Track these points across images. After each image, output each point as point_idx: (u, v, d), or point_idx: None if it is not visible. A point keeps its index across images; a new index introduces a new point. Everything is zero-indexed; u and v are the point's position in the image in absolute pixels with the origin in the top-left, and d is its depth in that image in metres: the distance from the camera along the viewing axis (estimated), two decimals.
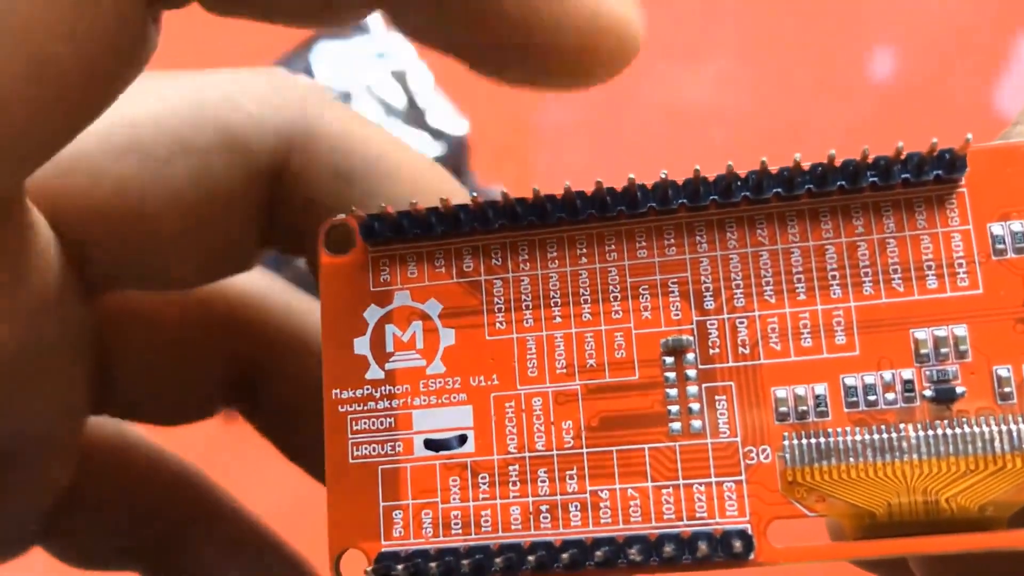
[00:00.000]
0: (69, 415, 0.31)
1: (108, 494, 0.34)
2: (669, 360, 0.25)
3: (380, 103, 0.73)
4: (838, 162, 0.25)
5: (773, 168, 0.25)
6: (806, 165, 0.25)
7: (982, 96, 0.68)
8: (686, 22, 0.72)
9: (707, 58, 0.72)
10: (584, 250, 0.26)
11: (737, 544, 0.24)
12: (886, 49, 0.71)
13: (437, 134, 0.72)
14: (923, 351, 0.24)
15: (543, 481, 0.25)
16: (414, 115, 0.72)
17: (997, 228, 0.25)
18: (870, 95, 0.70)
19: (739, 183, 0.25)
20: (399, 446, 0.26)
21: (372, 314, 0.26)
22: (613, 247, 0.26)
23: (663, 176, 0.25)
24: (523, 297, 0.26)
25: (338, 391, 0.26)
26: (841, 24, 0.71)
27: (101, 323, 0.31)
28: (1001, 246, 0.25)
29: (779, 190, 0.25)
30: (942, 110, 0.67)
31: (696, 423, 0.25)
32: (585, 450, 0.25)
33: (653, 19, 0.73)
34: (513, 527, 0.25)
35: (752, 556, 0.24)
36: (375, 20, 0.74)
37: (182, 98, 0.28)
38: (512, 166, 0.71)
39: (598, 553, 0.24)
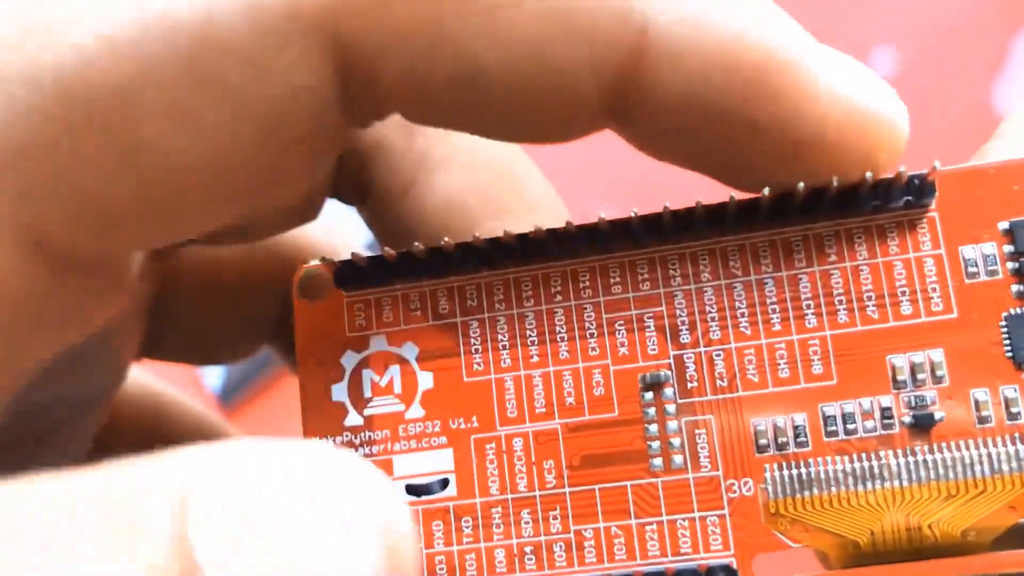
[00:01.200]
0: (120, 370, 0.31)
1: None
2: (648, 395, 0.25)
3: None
4: (804, 192, 0.25)
5: (740, 199, 0.25)
6: (768, 195, 0.25)
7: (982, 96, 0.68)
8: None
9: None
10: (558, 287, 0.26)
11: None
12: (886, 49, 0.71)
13: None
14: (900, 377, 0.24)
15: (527, 522, 0.25)
16: None
17: (969, 251, 0.25)
18: None
19: (708, 215, 0.25)
20: None
21: (349, 360, 0.26)
22: (587, 283, 0.26)
23: (635, 213, 0.25)
24: (499, 337, 0.26)
25: (317, 439, 0.26)
26: (841, 24, 0.71)
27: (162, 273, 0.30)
28: (973, 269, 0.25)
29: (749, 221, 0.25)
30: (942, 110, 0.67)
31: (677, 458, 0.25)
32: (568, 489, 0.25)
33: None
34: (498, 570, 0.25)
35: None
36: None
37: None
38: None
39: None
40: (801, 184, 0.24)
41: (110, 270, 0.22)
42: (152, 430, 0.35)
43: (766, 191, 0.24)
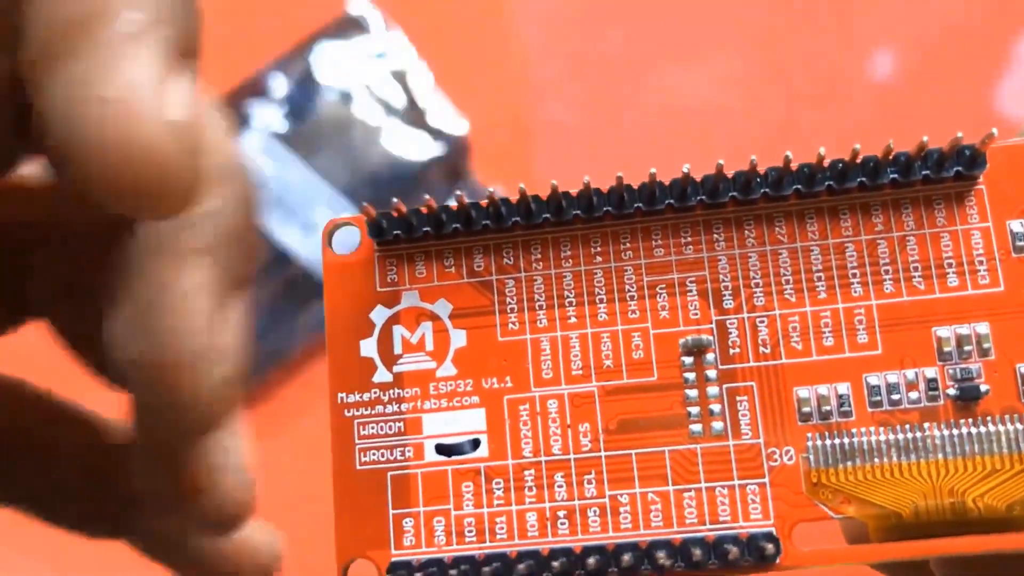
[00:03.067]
0: None
1: None
2: (688, 360, 0.25)
3: (380, 103, 0.72)
4: (859, 159, 0.24)
5: (793, 165, 0.25)
6: (826, 162, 0.24)
7: (982, 96, 0.69)
8: (686, 22, 0.72)
9: (707, 58, 0.72)
10: (599, 248, 0.25)
11: (769, 547, 0.23)
12: (886, 49, 0.71)
13: (437, 134, 0.71)
14: (946, 349, 0.24)
15: (560, 486, 0.25)
16: (414, 115, 0.72)
17: (1016, 225, 0.24)
18: (870, 95, 0.70)
19: (759, 180, 0.25)
20: (409, 451, 0.25)
21: (379, 315, 0.25)
22: (629, 245, 0.25)
23: (685, 171, 0.25)
24: (536, 297, 0.25)
25: (344, 395, 0.25)
26: (841, 24, 0.71)
27: None
28: (1021, 243, 0.24)
29: (799, 187, 0.25)
30: (942, 110, 0.67)
31: (717, 424, 0.24)
32: (603, 453, 0.25)
33: (653, 19, 0.73)
34: (530, 534, 0.24)
35: (779, 560, 0.24)
36: (375, 20, 0.73)
37: None
38: (512, 166, 0.70)
39: (625, 557, 0.23)
40: (858, 145, 0.24)
41: None
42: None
43: (822, 150, 0.24)
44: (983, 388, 0.24)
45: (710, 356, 0.25)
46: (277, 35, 0.75)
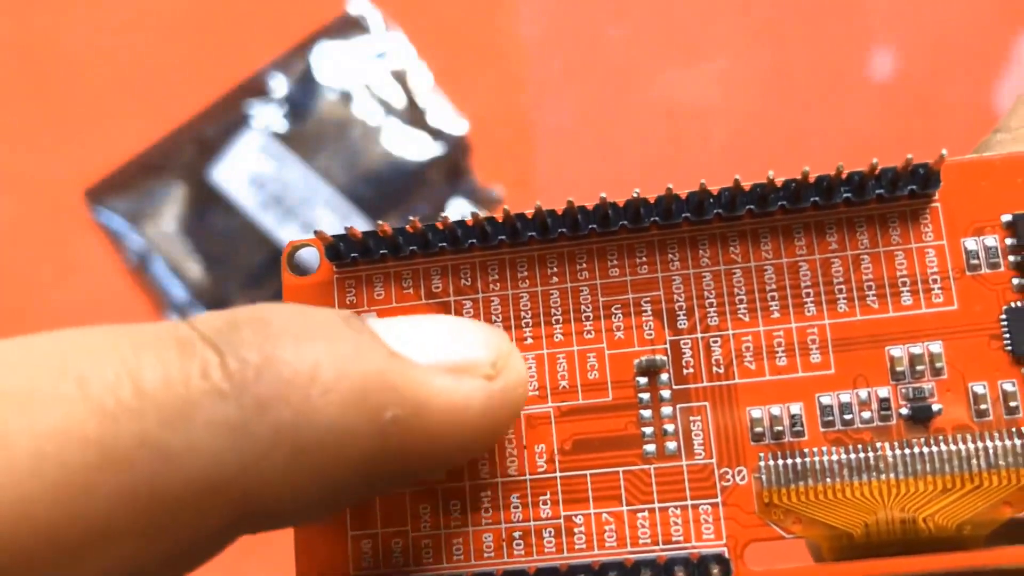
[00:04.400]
0: None
1: None
2: (643, 381, 0.25)
3: (380, 103, 0.72)
4: (812, 178, 0.24)
5: (746, 185, 0.25)
6: (779, 181, 0.25)
7: (982, 96, 0.68)
8: (686, 22, 0.72)
9: (707, 58, 0.71)
10: (555, 269, 0.26)
11: (715, 569, 0.23)
12: (886, 49, 0.71)
13: (437, 134, 0.72)
14: (899, 368, 0.24)
15: (516, 507, 0.25)
16: (414, 115, 0.72)
17: (971, 243, 0.24)
18: (870, 95, 0.70)
19: (712, 200, 0.25)
20: None
21: None
22: (584, 266, 0.25)
23: (635, 194, 0.25)
24: (494, 318, 0.25)
25: None
26: (841, 24, 0.71)
27: None
28: (975, 261, 0.24)
29: (752, 207, 0.25)
30: (942, 110, 0.67)
31: (671, 445, 0.25)
32: (559, 474, 0.25)
33: (653, 19, 0.73)
34: (486, 555, 0.25)
35: None
36: (375, 20, 0.73)
37: None
38: (512, 166, 0.70)
39: None
40: (807, 168, 0.24)
41: None
42: None
43: (770, 174, 0.24)
44: (935, 407, 0.24)
45: (664, 376, 0.25)
46: (277, 35, 0.75)
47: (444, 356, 0.22)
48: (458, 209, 0.71)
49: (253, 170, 0.71)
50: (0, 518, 0.18)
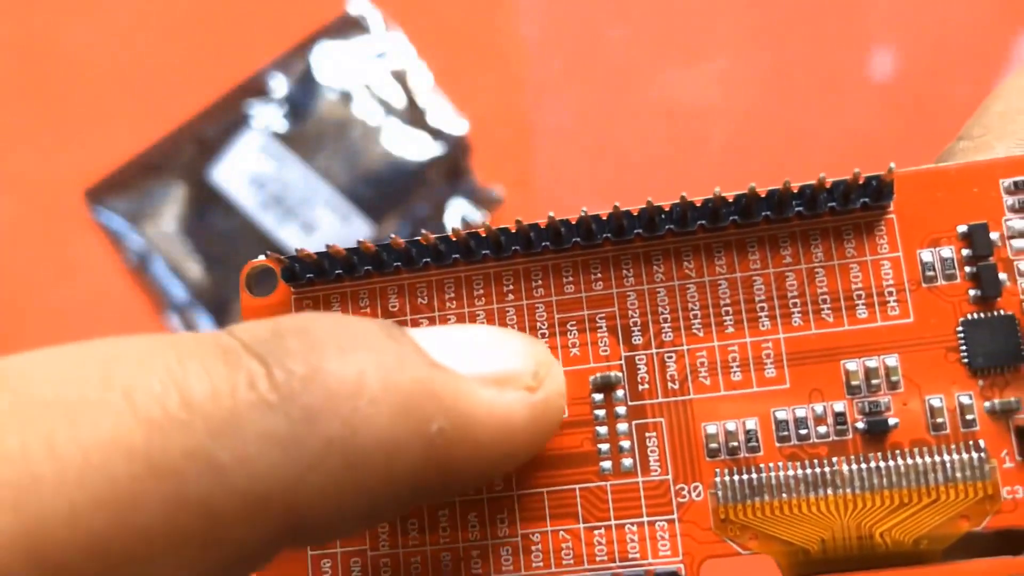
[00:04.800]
0: None
1: None
2: (598, 397, 0.25)
3: (380, 103, 0.72)
4: (763, 192, 0.24)
5: (697, 200, 0.24)
6: (730, 196, 0.24)
7: (982, 96, 0.68)
8: (686, 22, 0.72)
9: (707, 58, 0.71)
10: (511, 287, 0.25)
11: None
12: (886, 49, 0.70)
13: (437, 134, 0.72)
14: (854, 382, 0.24)
15: (473, 526, 0.25)
16: (414, 115, 0.72)
17: (927, 255, 0.24)
18: (870, 95, 0.69)
19: (663, 216, 0.25)
20: None
21: None
22: (540, 283, 0.25)
23: (583, 212, 0.25)
24: None
25: None
26: (841, 24, 0.71)
27: None
28: (931, 273, 0.24)
29: (704, 222, 0.25)
30: (942, 110, 0.66)
31: (627, 461, 0.24)
32: (516, 492, 0.25)
33: (653, 19, 0.73)
34: (444, 573, 0.25)
35: None
36: (375, 20, 0.73)
37: None
38: (512, 166, 0.70)
39: None
40: (753, 184, 0.24)
41: None
42: None
43: (717, 190, 0.24)
44: (891, 421, 0.24)
45: (619, 393, 0.25)
46: (277, 35, 0.75)
47: (486, 367, 0.22)
48: (458, 209, 0.71)
49: (253, 170, 0.72)
50: (48, 528, 0.18)
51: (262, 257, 0.26)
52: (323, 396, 0.20)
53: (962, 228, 0.24)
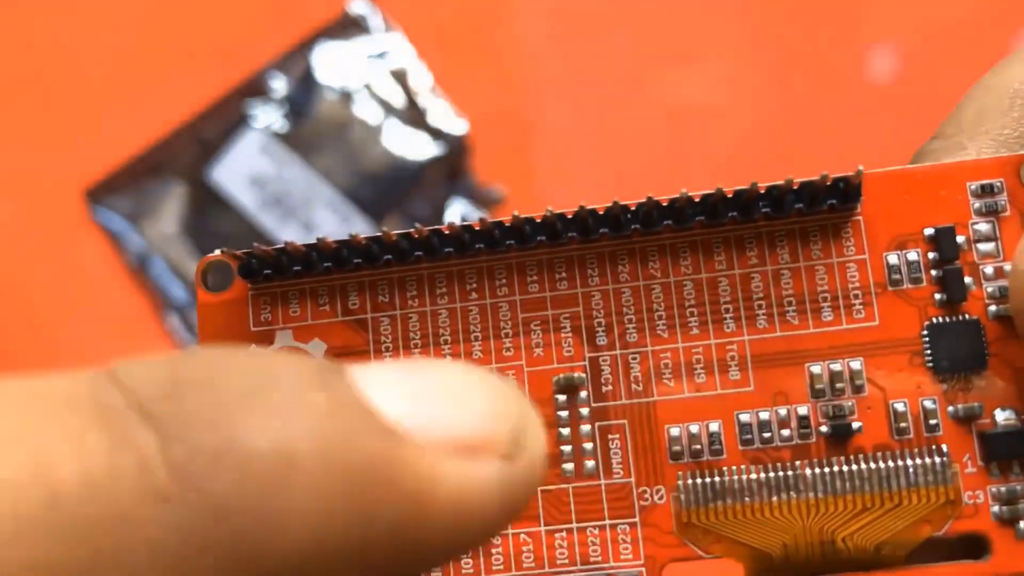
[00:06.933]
0: None
1: None
2: (562, 399, 0.25)
3: (380, 103, 0.72)
4: (729, 192, 0.24)
5: (664, 199, 0.24)
6: (697, 196, 0.24)
7: None
8: (686, 22, 0.72)
9: (707, 58, 0.71)
10: (474, 285, 0.25)
11: None
12: (886, 49, 0.70)
13: (437, 134, 0.71)
14: (818, 386, 0.24)
15: None
16: (414, 115, 0.72)
17: (893, 258, 0.24)
18: (870, 95, 0.69)
19: (629, 215, 0.24)
20: None
21: None
22: (504, 281, 0.25)
23: (549, 211, 0.24)
24: (412, 335, 0.25)
25: None
26: (841, 24, 0.71)
27: None
28: (897, 276, 0.24)
29: (670, 222, 0.24)
30: (942, 110, 0.66)
31: (589, 463, 0.24)
32: None
33: (653, 19, 0.72)
34: None
35: None
36: (375, 20, 0.73)
37: None
38: (512, 166, 0.70)
39: None
40: (721, 187, 0.23)
41: None
42: None
43: (684, 191, 0.24)
44: (855, 425, 0.24)
45: (583, 394, 0.24)
46: (277, 35, 0.75)
47: (452, 429, 0.17)
48: (458, 209, 0.71)
49: (253, 170, 0.71)
50: None
51: (218, 252, 0.26)
52: (237, 482, 0.15)
53: (929, 231, 0.24)
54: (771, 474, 0.23)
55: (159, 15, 0.75)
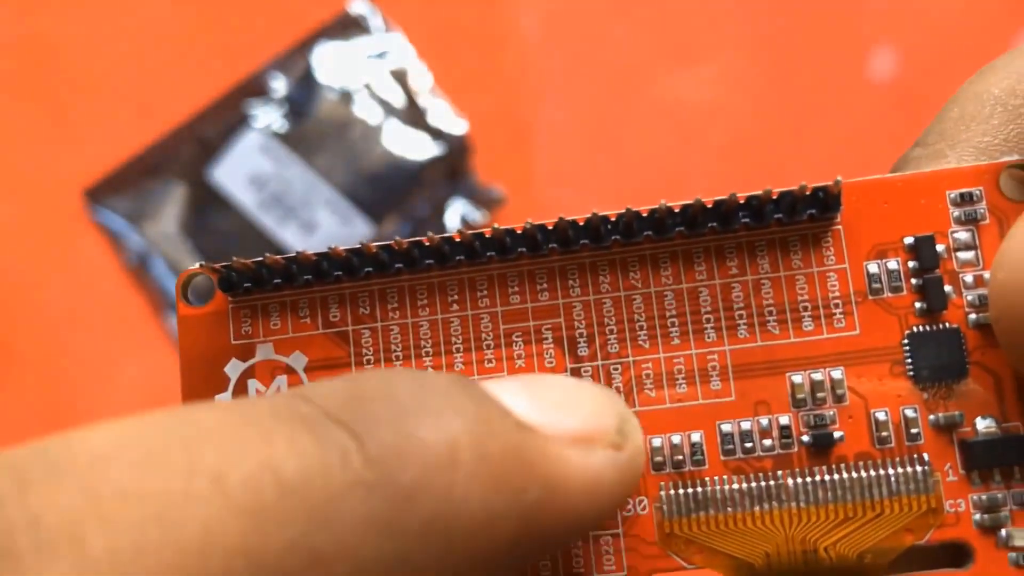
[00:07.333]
0: None
1: None
2: None
3: (380, 103, 0.72)
4: (709, 202, 0.24)
5: (643, 210, 0.24)
6: (677, 206, 0.24)
7: None
8: (686, 22, 0.72)
9: (707, 58, 0.71)
10: (455, 296, 0.25)
11: None
12: (886, 49, 0.70)
13: (437, 134, 0.72)
14: (800, 395, 0.24)
15: None
16: (414, 115, 0.72)
17: (873, 267, 0.24)
18: (870, 95, 0.69)
19: (609, 226, 0.24)
20: None
21: (234, 368, 0.25)
22: (485, 293, 0.25)
23: (528, 224, 0.24)
24: (393, 347, 0.25)
25: None
26: (841, 24, 0.70)
27: None
28: (877, 285, 0.24)
29: (650, 232, 0.24)
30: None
31: None
32: None
33: (653, 19, 0.72)
34: None
35: None
36: (375, 20, 0.73)
37: None
38: (512, 166, 0.70)
39: None
40: (700, 198, 0.23)
41: None
42: None
43: (663, 203, 0.24)
44: (837, 435, 0.24)
45: None
46: (277, 35, 0.75)
47: (570, 424, 0.21)
48: (458, 209, 0.71)
49: (253, 170, 0.72)
50: None
51: (197, 265, 0.25)
52: (419, 471, 0.18)
53: (909, 240, 0.24)
54: (753, 484, 0.23)
55: (159, 15, 0.75)
